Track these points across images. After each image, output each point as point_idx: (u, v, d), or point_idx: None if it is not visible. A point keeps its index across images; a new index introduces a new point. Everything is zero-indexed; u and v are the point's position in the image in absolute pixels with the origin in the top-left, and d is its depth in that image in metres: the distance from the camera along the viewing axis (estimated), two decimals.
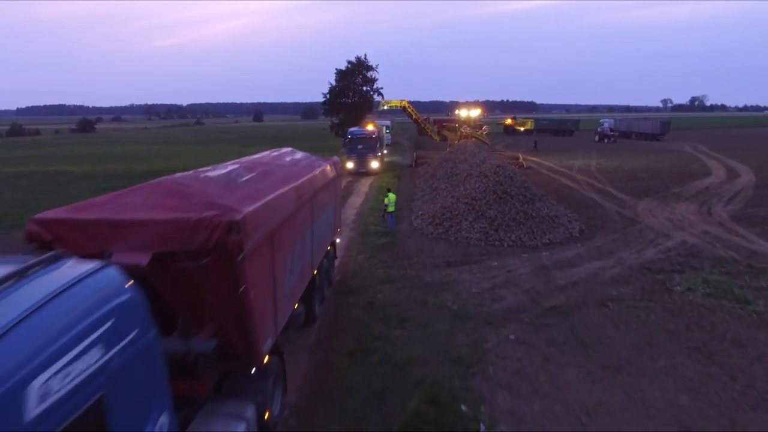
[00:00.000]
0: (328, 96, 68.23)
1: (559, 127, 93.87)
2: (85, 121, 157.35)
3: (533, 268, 15.65)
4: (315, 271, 10.63)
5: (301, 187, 9.02)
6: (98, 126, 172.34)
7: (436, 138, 53.08)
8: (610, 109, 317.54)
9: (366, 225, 21.20)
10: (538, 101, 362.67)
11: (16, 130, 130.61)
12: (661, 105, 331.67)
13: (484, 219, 19.14)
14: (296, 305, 9.09)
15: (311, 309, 10.76)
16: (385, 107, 50.83)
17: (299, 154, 12.28)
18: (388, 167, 43.49)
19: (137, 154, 62.92)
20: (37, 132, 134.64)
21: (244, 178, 7.89)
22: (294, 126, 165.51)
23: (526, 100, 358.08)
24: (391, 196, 20.29)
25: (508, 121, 54.66)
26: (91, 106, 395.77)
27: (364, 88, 70.03)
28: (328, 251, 12.85)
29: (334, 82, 68.22)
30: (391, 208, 20.12)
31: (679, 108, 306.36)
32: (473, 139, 45.19)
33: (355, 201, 27.25)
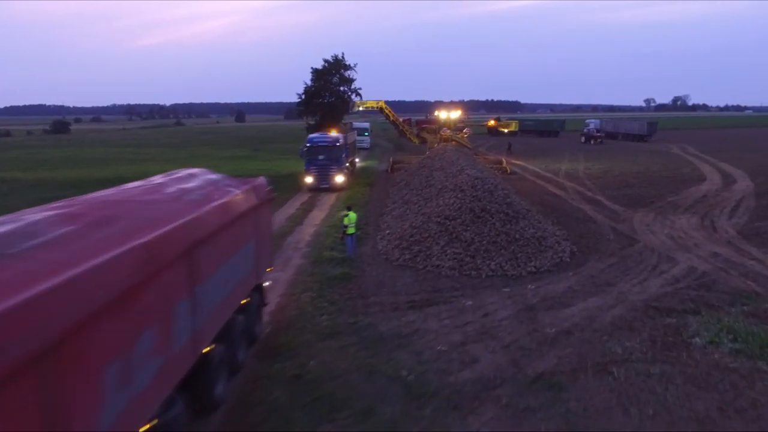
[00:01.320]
0: (303, 96, 64.89)
1: (544, 127, 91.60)
2: (59, 122, 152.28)
3: (516, 310, 12.71)
4: (208, 348, 7.56)
5: (164, 238, 5.94)
6: (74, 127, 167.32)
7: (416, 140, 50.11)
8: (594, 108, 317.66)
9: (321, 249, 18.11)
10: (523, 101, 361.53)
11: None
12: (644, 104, 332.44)
13: (458, 243, 16.18)
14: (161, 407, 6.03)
15: (204, 396, 7.69)
16: (361, 108, 47.78)
17: (201, 180, 9.19)
18: (361, 174, 40.46)
19: (104, 157, 58.98)
20: (8, 133, 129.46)
21: (41, 240, 4.80)
22: (276, 126, 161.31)
23: (510, 99, 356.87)
24: (352, 215, 17.22)
25: (491, 123, 51.80)
26: (72, 106, 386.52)
27: (342, 88, 66.83)
28: (246, 304, 9.78)
29: (309, 82, 64.89)
30: (351, 230, 17.08)
31: (662, 107, 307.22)
32: (453, 142, 42.28)
33: (316, 217, 24.13)
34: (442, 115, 46.24)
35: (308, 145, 31.82)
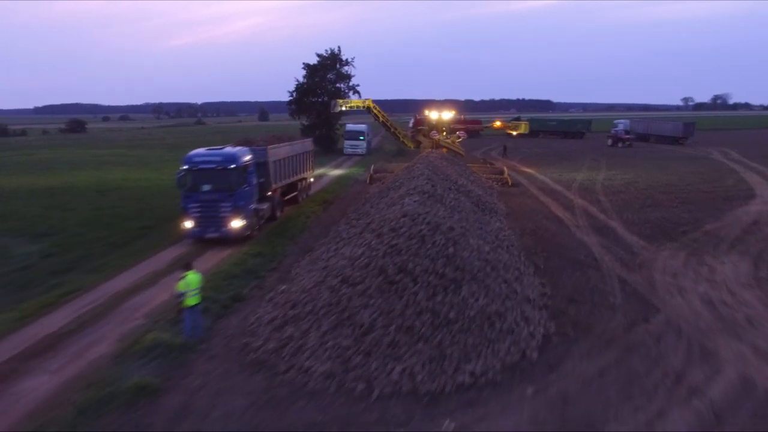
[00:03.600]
0: (295, 94, 59.07)
1: (568, 128, 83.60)
2: (75, 122, 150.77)
3: None
4: None
5: None
6: (92, 125, 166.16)
7: (410, 144, 43.63)
8: (628, 108, 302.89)
9: (155, 326, 11.90)
10: (555, 100, 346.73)
11: (0, 130, 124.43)
12: (681, 103, 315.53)
13: (349, 328, 9.88)
14: None
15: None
16: (344, 108, 41.56)
17: None
18: (332, 185, 34.28)
19: (82, 160, 53.73)
20: (24, 132, 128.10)
21: None
22: (295, 125, 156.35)
23: (542, 98, 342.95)
24: (192, 278, 11.00)
25: (498, 124, 44.74)
26: (105, 104, 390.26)
27: (339, 85, 60.87)
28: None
29: (302, 79, 59.10)
30: (191, 300, 10.90)
31: (700, 106, 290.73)
32: (444, 149, 35.57)
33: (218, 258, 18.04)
34: (432, 115, 39.52)
35: (186, 168, 19.11)
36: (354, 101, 42.54)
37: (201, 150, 20.55)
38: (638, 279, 14.90)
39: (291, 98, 59.39)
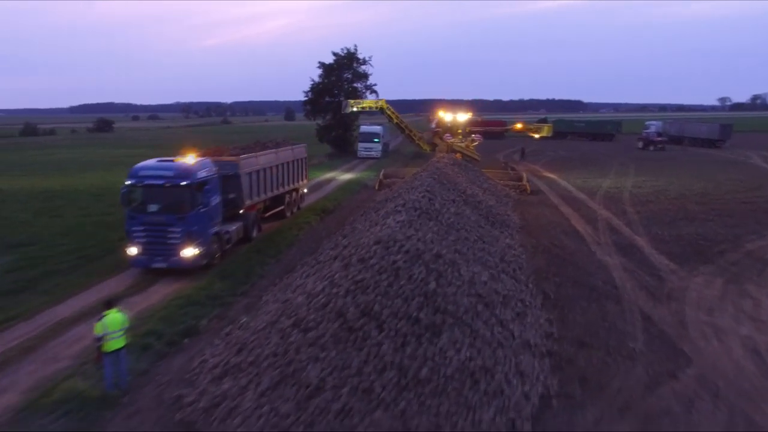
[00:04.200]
0: (310, 94, 57.44)
1: (597, 130, 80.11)
2: (102, 121, 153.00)
3: None
4: None
5: None
6: (120, 125, 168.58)
7: (426, 148, 41.26)
8: (662, 108, 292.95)
9: (77, 370, 10.09)
10: (585, 100, 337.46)
11: (29, 130, 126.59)
12: (718, 104, 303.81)
13: (292, 388, 7.93)
14: None
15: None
16: (354, 109, 39.52)
17: None
18: (337, 191, 32.39)
19: (91, 160, 53.33)
20: (52, 132, 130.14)
21: None
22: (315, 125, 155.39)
23: (572, 98, 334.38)
24: (113, 318, 9.15)
25: (519, 126, 42.08)
26: (138, 103, 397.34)
27: (356, 85, 59.01)
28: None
29: (317, 78, 57.41)
30: (115, 344, 9.07)
31: (738, 107, 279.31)
32: (458, 154, 33.27)
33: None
34: (446, 117, 37.18)
35: (130, 183, 15.93)
36: (366, 102, 40.49)
37: (151, 161, 16.95)
38: (665, 315, 12.57)
39: (306, 98, 57.76)
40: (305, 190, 27.21)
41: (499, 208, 23.64)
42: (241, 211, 19.50)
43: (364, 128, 54.21)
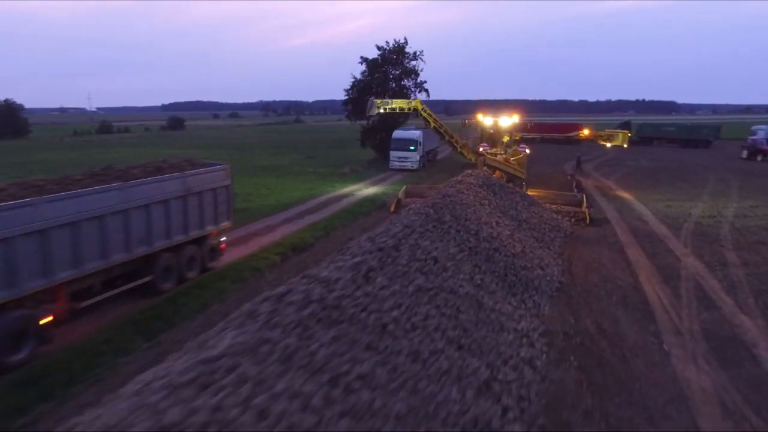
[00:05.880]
0: (352, 93, 51.65)
1: (689, 135, 68.79)
2: (174, 119, 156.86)
3: None
4: None
5: None
6: (192, 123, 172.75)
7: (472, 157, 34.15)
8: None
9: None
10: (679, 101, 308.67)
11: (105, 128, 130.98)
12: None
13: None
14: None
15: None
16: (381, 110, 33.23)
17: None
18: (349, 209, 26.20)
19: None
20: (127, 129, 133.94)
21: None
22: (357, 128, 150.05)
23: (664, 99, 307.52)
24: None
25: (586, 132, 33.90)
26: (223, 102, 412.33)
27: (405, 82, 52.69)
28: None
29: (359, 76, 51.62)
30: None
31: None
32: (497, 172, 25.82)
33: None
34: (486, 121, 29.77)
35: None
36: (397, 102, 33.88)
37: None
38: None
39: (347, 97, 52.06)
40: (223, 238, 17.44)
41: (535, 252, 16.63)
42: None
43: (398, 134, 45.64)
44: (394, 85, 51.58)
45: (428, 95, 54.13)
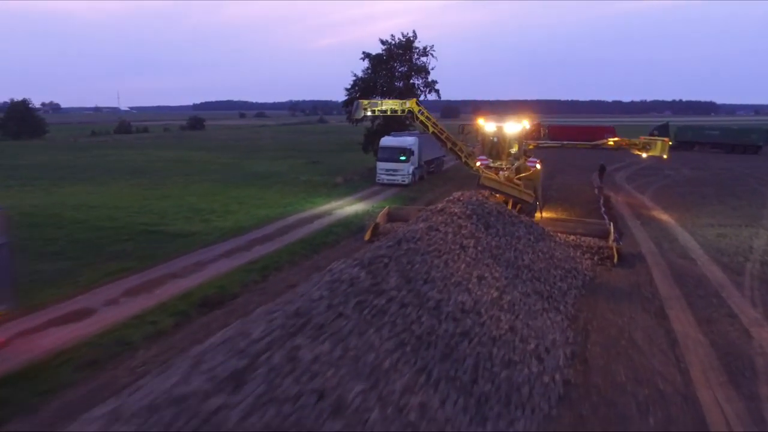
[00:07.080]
0: (353, 91, 46.50)
1: (736, 140, 61.55)
2: (194, 119, 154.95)
3: None
4: None
5: None
6: (212, 122, 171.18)
7: (474, 166, 28.63)
8: None
9: None
10: (719, 101, 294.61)
11: (123, 128, 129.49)
12: None
13: None
14: None
15: None
16: (368, 112, 28.04)
17: None
18: (300, 242, 20.87)
19: (136, 167, 45.60)
20: (146, 129, 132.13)
21: None
22: (361, 129, 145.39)
23: (703, 99, 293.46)
24: None
25: (611, 142, 28.00)
26: (253, 101, 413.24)
27: (413, 81, 47.41)
28: None
29: (361, 73, 46.52)
30: None
31: None
32: (499, 196, 20.16)
33: None
34: (488, 127, 24.13)
35: None
36: (388, 102, 28.38)
37: None
38: None
39: (348, 97, 46.96)
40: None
41: (529, 327, 11.29)
42: None
43: (386, 141, 37.65)
44: (401, 84, 46.41)
45: (439, 96, 48.80)
